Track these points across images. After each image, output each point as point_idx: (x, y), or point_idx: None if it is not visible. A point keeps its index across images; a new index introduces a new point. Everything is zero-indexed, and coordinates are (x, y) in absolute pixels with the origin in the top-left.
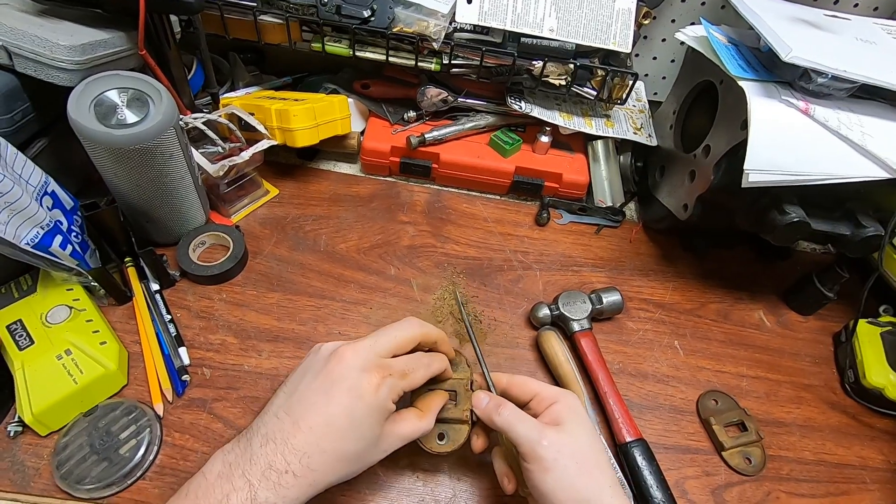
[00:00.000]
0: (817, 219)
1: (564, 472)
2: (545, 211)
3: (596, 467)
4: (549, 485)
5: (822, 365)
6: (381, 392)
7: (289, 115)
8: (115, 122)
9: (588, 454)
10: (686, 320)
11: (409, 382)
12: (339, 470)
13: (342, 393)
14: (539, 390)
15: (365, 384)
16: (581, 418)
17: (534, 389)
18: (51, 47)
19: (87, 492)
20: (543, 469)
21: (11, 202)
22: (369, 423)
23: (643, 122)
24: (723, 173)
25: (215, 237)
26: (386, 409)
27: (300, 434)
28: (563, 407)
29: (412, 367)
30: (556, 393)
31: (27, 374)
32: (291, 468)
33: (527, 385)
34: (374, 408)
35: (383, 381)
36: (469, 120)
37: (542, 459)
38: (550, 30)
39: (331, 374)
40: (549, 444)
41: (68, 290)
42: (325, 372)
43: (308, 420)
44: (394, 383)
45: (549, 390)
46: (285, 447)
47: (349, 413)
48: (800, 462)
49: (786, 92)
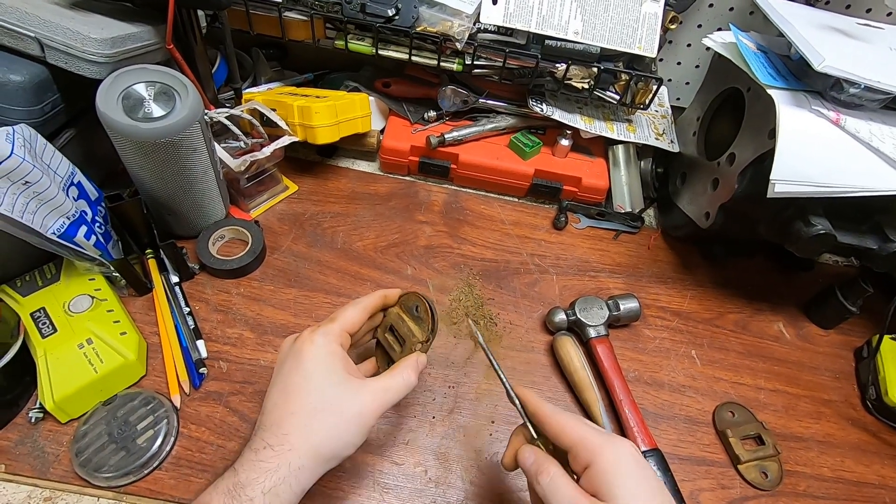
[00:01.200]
0: (844, 231)
1: None
2: (563, 215)
3: None
4: None
5: (843, 380)
6: (316, 340)
7: (311, 112)
8: (141, 116)
9: None
10: (704, 330)
11: (340, 321)
12: (315, 428)
13: (287, 361)
14: (577, 440)
15: (299, 343)
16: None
17: (572, 437)
18: (82, 40)
19: (105, 480)
20: None
21: (40, 192)
22: (320, 371)
23: (665, 127)
24: (748, 182)
25: (235, 231)
26: (330, 353)
27: (267, 414)
28: (602, 470)
29: (337, 312)
30: (595, 449)
31: (49, 361)
32: (268, 442)
33: (565, 431)
34: (316, 355)
35: (314, 332)
36: (489, 121)
37: None
38: (575, 32)
39: (278, 360)
40: None
41: (90, 279)
42: (278, 360)
43: (271, 400)
44: (324, 328)
45: (589, 442)
46: (260, 430)
47: (298, 371)
48: (818, 478)
49: (816, 102)
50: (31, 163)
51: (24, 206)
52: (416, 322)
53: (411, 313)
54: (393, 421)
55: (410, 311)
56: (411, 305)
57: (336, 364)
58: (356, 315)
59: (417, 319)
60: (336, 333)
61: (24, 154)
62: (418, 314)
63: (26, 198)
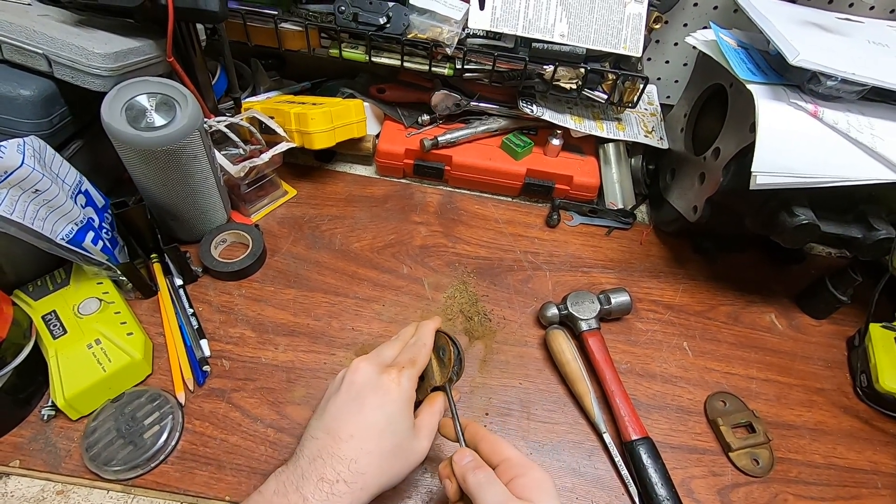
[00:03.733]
0: (828, 221)
1: None
2: (556, 213)
3: None
4: None
5: (835, 369)
6: (402, 383)
7: (307, 119)
8: (144, 126)
9: None
10: (696, 322)
11: (419, 365)
12: (386, 470)
13: (370, 396)
14: (510, 456)
15: (387, 381)
16: (551, 497)
17: (504, 454)
18: (87, 55)
19: (114, 473)
20: None
21: (49, 199)
22: (401, 415)
23: (654, 125)
24: (732, 175)
25: (236, 235)
26: (410, 399)
27: (342, 444)
28: (532, 482)
29: (414, 353)
30: (527, 466)
31: (60, 361)
32: (342, 476)
33: (498, 447)
34: (401, 399)
35: (401, 374)
36: (481, 123)
37: None
38: (561, 35)
39: (353, 385)
40: None
41: (98, 283)
42: (347, 385)
43: (347, 429)
44: (409, 373)
45: (520, 460)
46: (332, 459)
47: (382, 410)
48: (809, 465)
49: (795, 95)
50: (40, 172)
51: (35, 213)
52: (439, 364)
53: (437, 354)
54: None
55: (437, 350)
56: (440, 346)
57: (411, 412)
58: (427, 358)
59: (441, 362)
60: (415, 379)
61: (34, 164)
62: (443, 357)
63: (36, 205)
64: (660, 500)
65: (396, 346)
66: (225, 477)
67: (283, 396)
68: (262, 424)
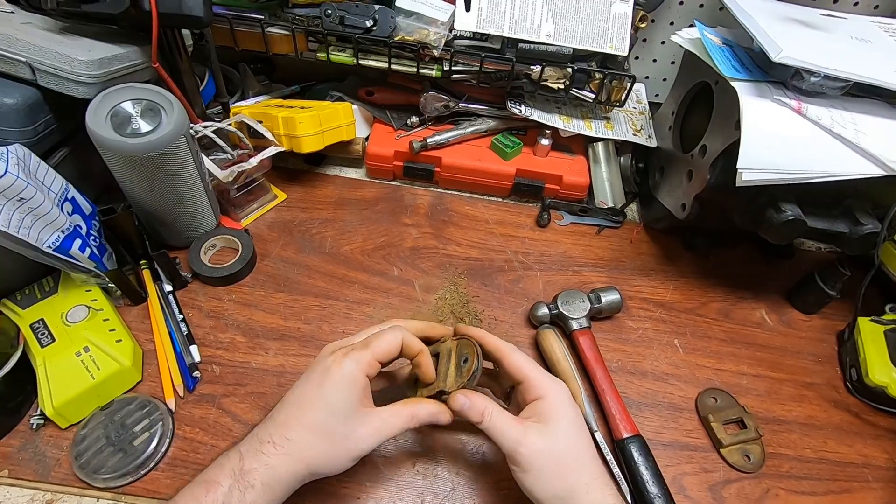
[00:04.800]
0: (815, 217)
1: (542, 472)
2: (546, 212)
3: (576, 464)
4: (528, 483)
5: (826, 363)
6: (344, 364)
7: (294, 123)
8: (129, 132)
9: (568, 452)
10: (686, 319)
11: (373, 350)
12: (314, 446)
13: (315, 372)
14: (530, 376)
15: (330, 361)
16: (565, 414)
17: (525, 374)
18: (70, 62)
19: (104, 481)
20: (523, 470)
21: (35, 208)
22: (337, 395)
23: (643, 123)
24: (719, 172)
25: (225, 240)
26: (353, 382)
27: (282, 410)
28: (549, 403)
29: (373, 336)
30: (545, 386)
31: (48, 369)
32: (272, 438)
33: (520, 367)
34: (340, 379)
35: (347, 355)
36: (471, 124)
37: (521, 462)
38: (548, 35)
39: (311, 365)
40: (528, 445)
41: (87, 291)
42: (308, 367)
43: (291, 398)
44: (356, 354)
45: (539, 380)
46: (270, 422)
47: (319, 387)
48: (800, 460)
49: (778, 91)
50: (24, 180)
51: (20, 222)
52: (457, 370)
53: (459, 360)
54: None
55: (460, 356)
56: (464, 353)
57: (353, 394)
58: (392, 347)
59: (459, 369)
60: (365, 362)
61: (17, 172)
62: (463, 365)
63: (21, 213)
64: (651, 497)
65: (370, 331)
66: None
67: (274, 401)
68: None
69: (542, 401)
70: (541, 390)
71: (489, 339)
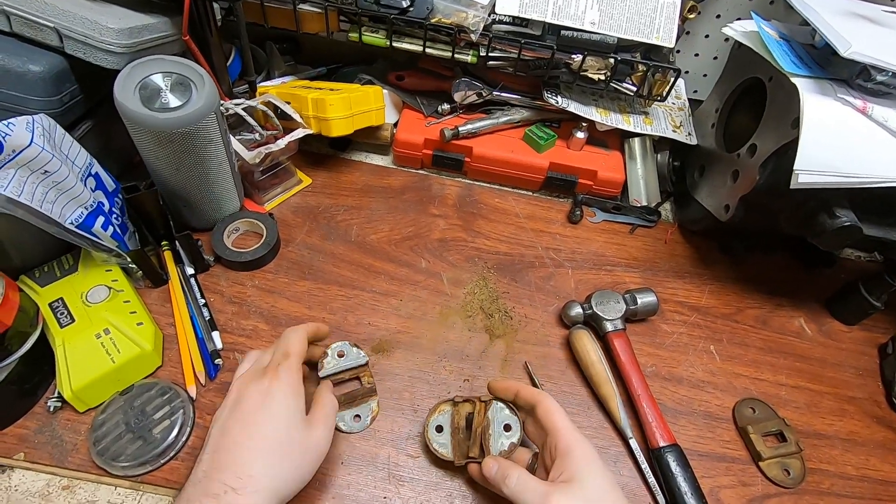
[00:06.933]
0: (870, 224)
1: None
2: (578, 208)
3: None
4: None
5: (867, 377)
6: (280, 377)
7: (325, 105)
8: (158, 106)
9: None
10: (723, 325)
11: (293, 354)
12: (278, 466)
13: (250, 400)
14: (559, 426)
15: (265, 382)
16: (594, 473)
17: (555, 423)
18: (100, 30)
19: (122, 469)
20: None
21: (59, 181)
22: (284, 407)
23: (683, 119)
24: (769, 173)
25: (249, 224)
26: (296, 391)
27: (226, 453)
28: (577, 459)
29: (283, 345)
30: (573, 439)
31: (67, 350)
32: (229, 484)
33: (552, 415)
34: (280, 391)
35: (277, 370)
36: (504, 114)
37: None
38: (592, 23)
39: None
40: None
41: (107, 270)
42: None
43: (230, 439)
44: (286, 364)
45: (568, 433)
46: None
47: (264, 409)
48: (842, 477)
49: (842, 90)
50: (50, 152)
51: (43, 196)
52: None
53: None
54: (409, 415)
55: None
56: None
57: (299, 403)
58: (303, 344)
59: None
60: (295, 369)
61: (43, 143)
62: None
63: (45, 187)
64: None
65: (267, 351)
66: None
67: None
68: None
69: (570, 457)
70: (569, 443)
71: (524, 389)
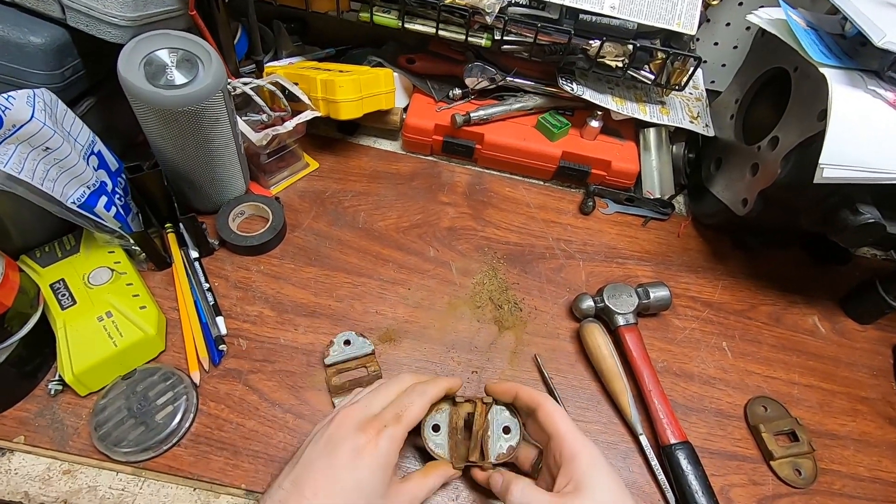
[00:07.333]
0: (893, 221)
1: None
2: (590, 199)
3: None
4: None
5: (881, 377)
6: (380, 445)
7: (334, 86)
8: (164, 83)
9: None
10: (735, 321)
11: (405, 423)
12: None
13: (343, 455)
14: (563, 432)
15: (363, 441)
16: (603, 479)
17: (558, 427)
18: (104, 2)
19: (124, 455)
20: None
21: (60, 159)
22: (372, 480)
23: (700, 110)
24: (792, 167)
25: (255, 208)
26: (388, 463)
27: (305, 501)
28: (583, 465)
29: (402, 406)
30: (578, 443)
31: (69, 333)
32: None
33: (554, 418)
34: (375, 463)
35: (380, 434)
36: (516, 101)
37: None
38: (612, 7)
39: (331, 438)
40: None
41: (110, 252)
42: (326, 437)
43: (313, 485)
44: (390, 432)
45: (572, 438)
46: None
47: (352, 473)
48: (854, 478)
49: (872, 82)
50: (51, 128)
51: (45, 174)
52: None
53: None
54: None
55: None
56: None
57: (388, 474)
58: (422, 412)
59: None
60: (399, 438)
61: (44, 119)
62: (503, 436)
63: (46, 164)
64: None
65: (389, 394)
66: (241, 463)
67: (304, 381)
68: (281, 409)
69: (575, 463)
70: (573, 448)
71: (523, 391)
